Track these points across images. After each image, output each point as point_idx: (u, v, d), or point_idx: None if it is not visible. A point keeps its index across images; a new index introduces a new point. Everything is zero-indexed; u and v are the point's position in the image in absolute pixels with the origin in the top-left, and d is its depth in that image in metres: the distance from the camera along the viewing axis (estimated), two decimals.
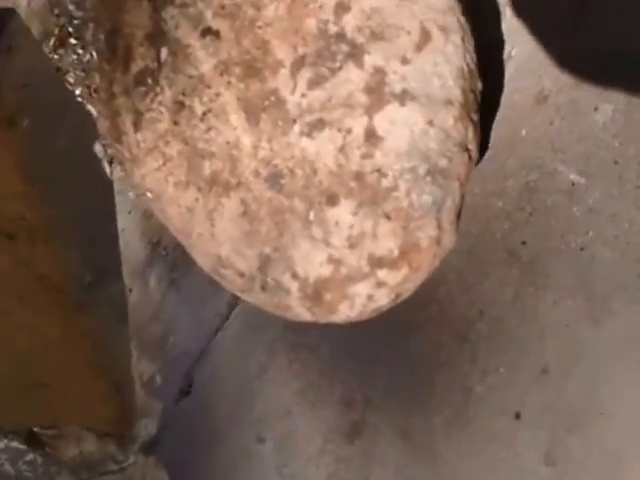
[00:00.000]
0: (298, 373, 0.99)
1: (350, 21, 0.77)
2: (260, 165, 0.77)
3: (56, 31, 1.19)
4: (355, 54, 0.75)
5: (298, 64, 0.78)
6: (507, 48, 0.88)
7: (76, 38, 1.14)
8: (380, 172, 0.68)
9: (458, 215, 0.71)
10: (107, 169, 1.09)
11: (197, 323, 1.20)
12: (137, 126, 0.88)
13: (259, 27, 0.81)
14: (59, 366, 1.26)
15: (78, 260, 1.40)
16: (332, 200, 0.69)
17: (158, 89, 0.85)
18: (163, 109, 0.85)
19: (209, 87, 0.82)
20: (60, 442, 1.18)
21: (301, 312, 0.73)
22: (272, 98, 0.78)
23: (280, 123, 0.77)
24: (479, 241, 0.86)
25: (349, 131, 0.70)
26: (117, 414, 1.29)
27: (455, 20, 0.77)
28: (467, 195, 0.79)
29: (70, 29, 1.15)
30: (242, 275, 0.78)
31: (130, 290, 1.34)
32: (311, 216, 0.70)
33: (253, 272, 0.77)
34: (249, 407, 1.05)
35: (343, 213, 0.68)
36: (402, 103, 0.70)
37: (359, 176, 0.69)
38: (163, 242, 1.29)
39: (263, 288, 0.76)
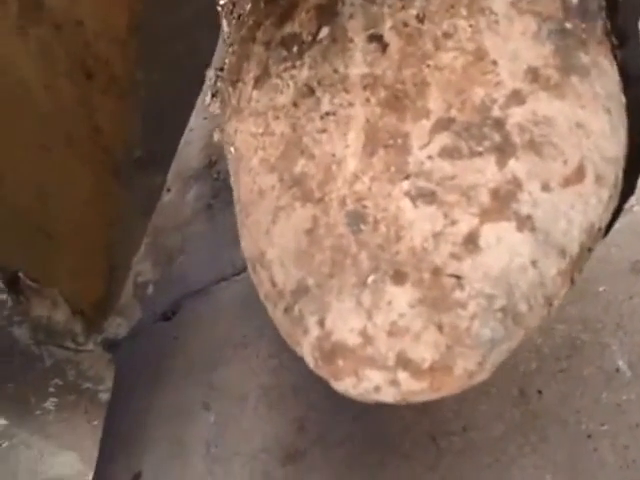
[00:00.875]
0: (273, 372, 0.96)
1: (517, 115, 0.72)
2: (350, 196, 0.73)
3: None
4: (503, 150, 0.70)
5: (443, 124, 0.73)
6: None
7: None
8: (459, 281, 0.64)
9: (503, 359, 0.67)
10: (207, 98, 1.05)
11: (209, 260, 1.18)
12: (258, 83, 0.84)
13: (428, 65, 0.76)
14: (69, 222, 1.25)
15: (138, 131, 1.39)
16: (399, 278, 0.65)
17: (298, 63, 0.81)
18: (291, 84, 0.81)
19: (347, 92, 0.78)
20: (36, 298, 1.18)
21: (307, 357, 0.69)
22: (399, 140, 0.74)
23: (393, 170, 0.73)
24: (502, 362, 0.80)
25: (454, 222, 0.66)
26: (99, 298, 1.29)
27: (614, 175, 0.72)
28: None
29: None
30: (274, 285, 0.75)
31: (168, 190, 1.32)
32: (370, 280, 0.66)
33: (285, 291, 0.73)
34: (212, 369, 1.03)
35: (402, 298, 0.64)
36: (520, 228, 0.65)
37: (437, 272, 0.64)
38: (219, 166, 1.26)
39: (286, 311, 0.73)
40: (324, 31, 0.81)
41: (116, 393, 1.22)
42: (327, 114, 0.78)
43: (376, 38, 0.78)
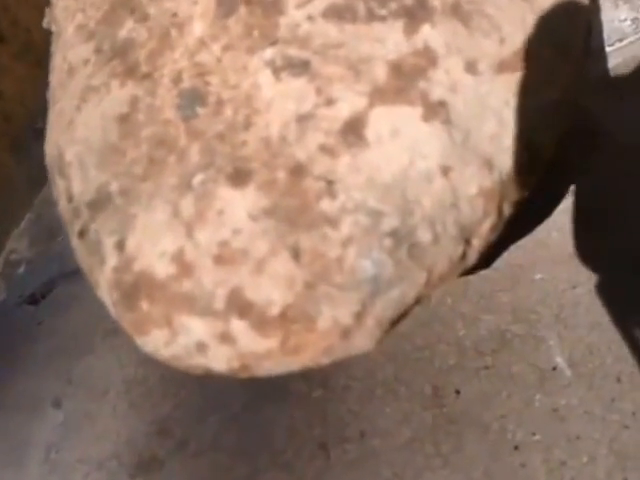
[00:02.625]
0: (142, 363, 0.86)
1: None
2: (189, 71, 0.50)
3: None
4: (414, 16, 0.48)
5: None
6: None
7: None
8: (329, 186, 0.41)
9: (396, 321, 0.45)
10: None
11: None
12: None
13: None
14: None
15: (44, 102, 1.26)
16: (239, 177, 0.43)
17: None
18: None
19: None
20: None
21: (106, 301, 0.46)
22: None
23: (256, 34, 0.51)
24: (415, 353, 0.75)
25: (330, 102, 0.44)
26: None
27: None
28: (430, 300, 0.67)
29: None
30: (70, 199, 0.51)
31: None
32: (196, 180, 0.44)
33: (81, 204, 0.50)
34: (74, 360, 0.93)
35: (239, 205, 0.42)
36: (427, 117, 0.43)
37: (298, 171, 0.42)
38: None
39: (81, 234, 0.50)
40: None
41: None
42: None
43: None
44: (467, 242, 0.48)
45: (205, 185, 0.44)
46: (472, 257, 0.49)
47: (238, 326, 0.43)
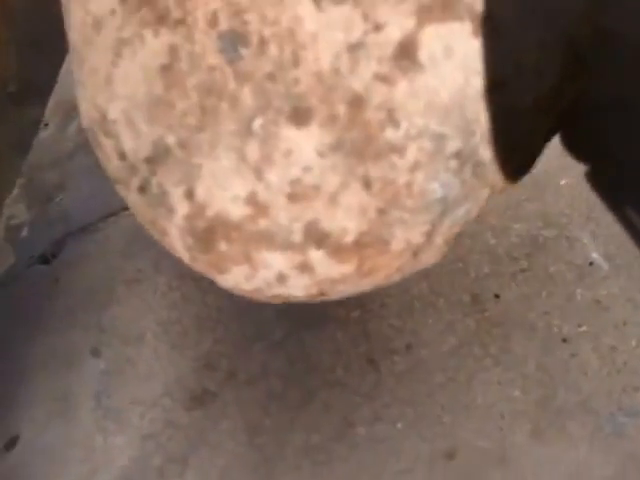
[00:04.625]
0: (173, 306, 0.88)
1: None
2: (224, 10, 0.51)
3: None
4: None
5: None
6: None
7: None
8: (391, 115, 0.43)
9: (458, 233, 0.48)
10: None
11: (94, 195, 1.10)
12: None
13: None
14: None
15: (13, 64, 1.30)
16: (299, 116, 0.44)
17: None
18: None
19: None
20: None
21: (178, 248, 0.49)
22: None
23: None
24: (448, 267, 0.76)
25: (378, 27, 0.45)
26: None
27: None
28: None
29: None
30: (123, 158, 0.53)
31: (46, 124, 1.26)
32: (256, 124, 0.45)
33: (138, 161, 0.51)
34: (101, 310, 0.94)
35: (306, 144, 0.43)
36: (476, 32, 0.44)
37: (358, 103, 0.43)
38: None
39: (142, 190, 0.51)
40: None
41: None
42: None
43: None
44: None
45: (266, 128, 0.45)
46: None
47: (316, 256, 0.45)
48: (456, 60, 0.45)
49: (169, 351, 0.85)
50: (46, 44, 1.27)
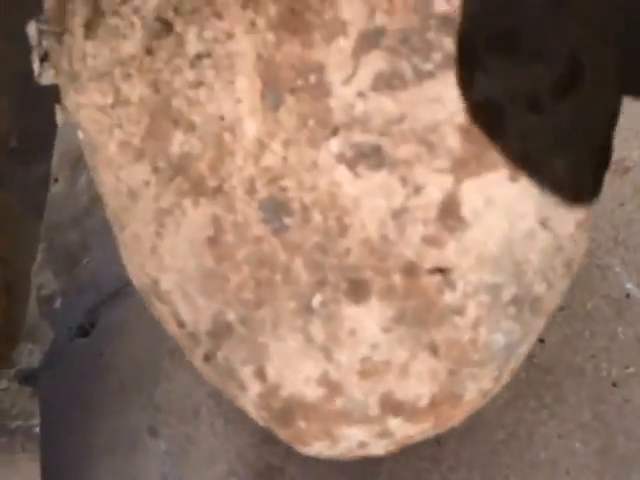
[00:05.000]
0: None
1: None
2: (260, 177, 0.49)
3: None
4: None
5: (369, 41, 0.50)
6: None
7: None
8: (445, 277, 0.42)
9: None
10: (35, 64, 0.76)
11: (119, 255, 0.98)
12: (90, 29, 0.57)
13: None
14: None
15: (8, 117, 1.22)
16: (357, 291, 0.43)
17: None
18: (137, 21, 0.55)
19: (219, 17, 0.52)
20: None
21: (253, 416, 0.48)
22: (311, 78, 0.50)
23: (312, 123, 0.49)
24: None
25: (418, 190, 0.44)
26: (1, 325, 1.15)
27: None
28: None
29: None
30: (182, 326, 0.52)
31: (55, 180, 1.15)
32: (315, 301, 0.44)
33: (199, 333, 0.50)
34: (150, 386, 0.91)
35: (368, 321, 0.42)
36: (512, 177, 0.43)
37: (411, 271, 0.42)
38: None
39: (207, 359, 0.51)
40: None
41: (45, 429, 1.08)
42: (199, 57, 0.53)
43: None
44: (571, 269, 0.48)
45: (327, 306, 0.44)
46: (574, 277, 0.50)
47: (394, 423, 0.45)
48: (498, 208, 0.44)
49: (226, 426, 0.83)
50: (40, 96, 1.18)
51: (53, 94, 1.11)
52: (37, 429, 1.15)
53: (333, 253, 0.46)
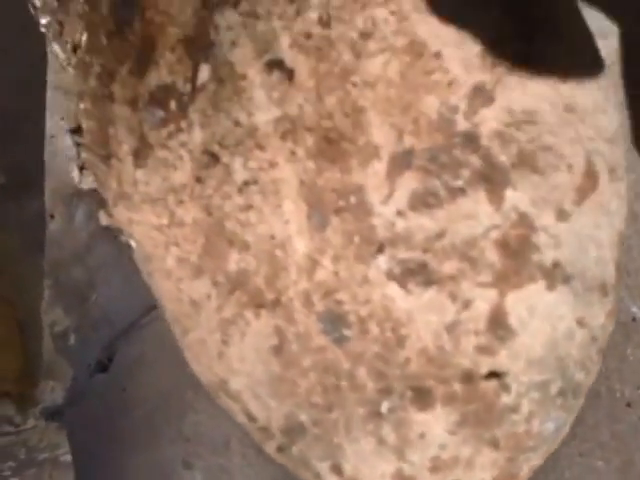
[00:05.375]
0: None
1: (489, 120, 0.52)
2: (315, 291, 0.53)
3: None
4: (491, 179, 0.50)
5: (401, 162, 0.53)
6: None
7: None
8: (501, 381, 0.46)
9: None
10: (74, 173, 0.78)
11: (127, 289, 0.96)
12: (139, 159, 0.60)
13: (354, 84, 0.54)
14: None
15: None
16: (422, 399, 0.47)
17: (184, 124, 0.57)
18: (185, 154, 0.57)
19: (261, 148, 0.55)
20: None
21: None
22: (352, 199, 0.53)
23: (357, 240, 0.52)
24: None
25: (467, 304, 0.47)
26: (20, 368, 1.08)
27: (621, 154, 0.54)
28: None
29: None
30: (253, 420, 0.56)
31: (51, 216, 1.07)
32: (384, 407, 0.48)
33: (272, 429, 0.54)
34: (177, 419, 0.87)
35: (436, 426, 0.46)
36: (551, 285, 0.47)
37: (469, 378, 0.46)
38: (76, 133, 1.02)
39: (281, 450, 0.54)
40: (204, 72, 0.57)
41: (76, 464, 1.02)
42: (246, 184, 0.56)
43: (276, 65, 0.55)
44: (602, 353, 0.53)
45: (395, 412, 0.48)
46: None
47: None
48: (540, 315, 0.48)
49: (257, 456, 0.79)
50: (20, 129, 1.11)
51: (34, 126, 1.11)
52: (63, 458, 1.16)
53: (394, 363, 0.50)
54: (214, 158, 0.59)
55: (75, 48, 0.75)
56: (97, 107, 0.67)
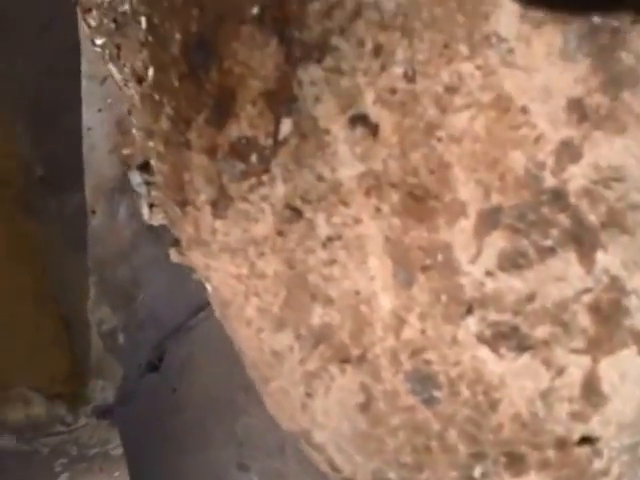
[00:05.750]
0: None
1: (577, 176, 0.52)
2: (402, 349, 0.54)
3: None
4: (581, 240, 0.50)
5: (488, 219, 0.53)
6: None
7: None
8: (593, 447, 0.47)
9: None
10: (144, 210, 0.79)
11: (174, 290, 1.00)
12: (218, 210, 0.61)
13: (439, 139, 0.54)
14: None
15: (28, 143, 1.09)
16: (516, 465, 0.48)
17: (266, 177, 0.58)
18: (267, 207, 0.58)
19: (345, 204, 0.56)
20: (5, 406, 1.05)
21: None
22: (439, 257, 0.53)
23: (444, 299, 0.53)
24: None
25: (560, 371, 0.48)
26: (69, 368, 1.11)
27: None
28: None
29: None
30: (337, 470, 0.57)
31: (93, 212, 1.07)
32: (477, 472, 0.49)
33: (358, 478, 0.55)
34: (229, 422, 0.91)
35: None
36: None
37: (563, 444, 0.47)
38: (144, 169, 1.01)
39: None
40: (286, 126, 0.57)
41: (131, 461, 1.06)
42: (330, 239, 0.56)
43: (360, 120, 0.55)
44: None
45: (489, 478, 0.49)
46: None
47: None
48: (631, 379, 0.48)
49: (313, 463, 0.85)
50: (57, 119, 1.11)
51: (70, 117, 1.07)
52: (113, 452, 1.19)
53: (487, 427, 0.51)
54: (297, 213, 0.60)
55: (140, 80, 0.75)
56: (171, 152, 0.67)
